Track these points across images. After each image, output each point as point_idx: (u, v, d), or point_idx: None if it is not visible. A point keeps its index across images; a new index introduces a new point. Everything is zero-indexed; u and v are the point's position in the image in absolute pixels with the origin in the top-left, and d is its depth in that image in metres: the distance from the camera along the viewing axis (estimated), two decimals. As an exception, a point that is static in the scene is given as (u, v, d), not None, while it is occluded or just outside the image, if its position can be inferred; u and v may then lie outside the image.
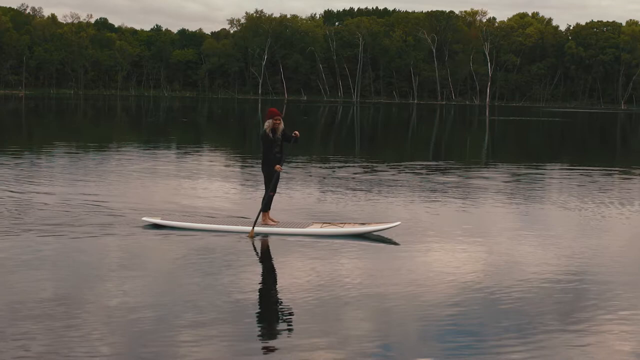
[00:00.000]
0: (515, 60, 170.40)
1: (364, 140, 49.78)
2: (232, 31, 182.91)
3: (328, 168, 27.11)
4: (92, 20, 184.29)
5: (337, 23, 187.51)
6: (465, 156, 37.33)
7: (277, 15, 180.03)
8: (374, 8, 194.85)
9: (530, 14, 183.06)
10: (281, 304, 10.32)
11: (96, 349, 8.16)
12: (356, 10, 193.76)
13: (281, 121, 15.31)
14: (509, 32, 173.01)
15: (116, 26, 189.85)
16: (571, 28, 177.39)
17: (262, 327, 9.26)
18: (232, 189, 21.46)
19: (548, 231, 15.79)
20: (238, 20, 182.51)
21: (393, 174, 25.54)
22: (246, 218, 15.42)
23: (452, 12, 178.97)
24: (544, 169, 29.85)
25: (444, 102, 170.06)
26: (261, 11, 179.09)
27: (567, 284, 11.40)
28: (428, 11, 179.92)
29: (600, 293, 10.96)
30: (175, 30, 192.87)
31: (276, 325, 9.46)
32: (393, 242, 14.32)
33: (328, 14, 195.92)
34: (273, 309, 10.12)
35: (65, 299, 9.95)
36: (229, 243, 13.81)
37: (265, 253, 13.69)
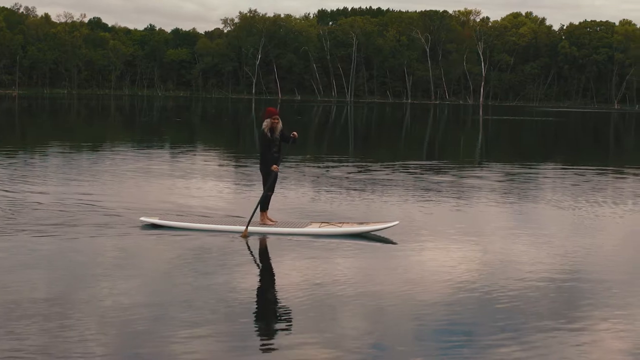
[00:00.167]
0: (508, 59, 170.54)
1: (358, 140, 49.78)
2: (226, 31, 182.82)
3: (322, 168, 27.14)
4: (86, 19, 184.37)
5: (331, 23, 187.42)
6: (459, 156, 37.35)
7: (271, 14, 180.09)
8: (368, 7, 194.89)
9: (523, 14, 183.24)
10: (277, 304, 10.33)
11: (91, 349, 8.15)
12: (350, 9, 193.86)
13: (279, 120, 15.29)
14: (503, 32, 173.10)
15: (110, 26, 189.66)
16: (564, 28, 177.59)
17: (258, 327, 9.26)
18: (227, 189, 21.45)
19: (542, 230, 15.81)
20: (232, 19, 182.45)
21: (387, 174, 25.55)
22: (243, 218, 15.39)
23: (446, 12, 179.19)
24: (538, 169, 29.88)
25: (438, 102, 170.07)
26: (255, 11, 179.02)
27: (562, 283, 11.42)
28: (422, 11, 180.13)
29: (594, 292, 10.98)
30: (169, 29, 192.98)
31: (272, 324, 9.46)
32: (389, 242, 14.32)
33: (322, 14, 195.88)
34: (269, 309, 10.12)
35: (60, 299, 9.93)
36: (226, 243, 13.79)
37: (262, 253, 13.70)
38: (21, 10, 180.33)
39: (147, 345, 8.35)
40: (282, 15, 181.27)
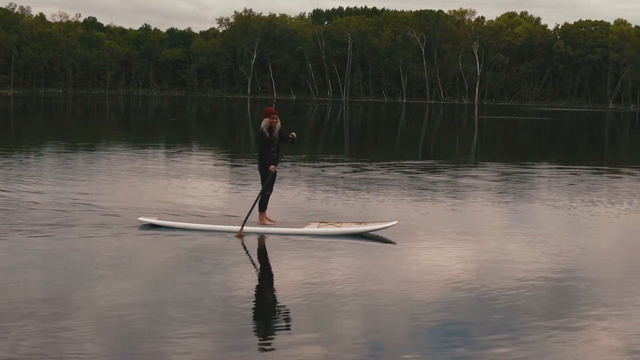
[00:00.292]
0: (503, 59, 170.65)
1: (353, 139, 49.80)
2: (221, 30, 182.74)
3: (317, 167, 27.15)
4: (81, 19, 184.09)
5: (326, 22, 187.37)
6: (454, 155, 37.39)
7: (266, 14, 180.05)
8: (363, 7, 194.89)
9: (518, 13, 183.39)
10: (274, 303, 10.35)
11: (88, 350, 8.14)
12: (345, 9, 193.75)
13: (278, 120, 15.28)
14: (498, 32, 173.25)
15: (105, 25, 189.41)
16: (559, 27, 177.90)
17: (255, 326, 9.26)
18: (223, 188, 21.45)
19: (538, 230, 15.84)
20: (227, 19, 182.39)
21: (382, 173, 25.57)
22: (241, 217, 15.34)
23: (441, 12, 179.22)
24: (533, 168, 29.91)
25: (433, 101, 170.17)
26: (250, 10, 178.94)
27: (557, 282, 11.45)
28: (417, 10, 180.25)
29: (589, 291, 11.01)
30: (164, 29, 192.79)
31: (269, 323, 9.47)
32: (386, 241, 14.34)
33: (317, 13, 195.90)
34: (266, 308, 10.14)
35: (57, 300, 9.93)
36: (224, 243, 13.80)
37: (260, 252, 13.71)
38: (16, 10, 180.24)
39: (144, 345, 8.35)
40: (278, 14, 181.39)
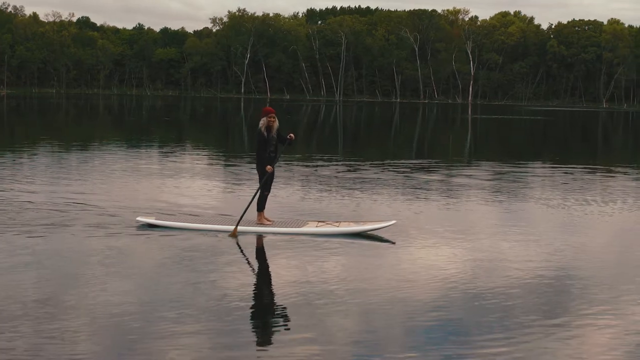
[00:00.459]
0: (497, 58, 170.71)
1: (347, 139, 49.81)
2: (215, 30, 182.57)
3: (311, 167, 27.15)
4: (74, 19, 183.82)
5: (320, 22, 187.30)
6: (448, 155, 37.42)
7: (260, 14, 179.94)
8: (357, 7, 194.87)
9: (512, 13, 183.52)
10: (270, 302, 10.38)
11: (81, 350, 8.14)
12: (339, 9, 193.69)
13: (276, 119, 15.26)
14: (491, 31, 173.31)
15: (98, 25, 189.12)
16: (553, 27, 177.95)
17: (250, 325, 9.26)
18: (218, 187, 21.44)
19: (532, 229, 15.87)
20: (221, 19, 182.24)
21: (376, 173, 25.59)
22: (238, 217, 15.33)
23: (435, 11, 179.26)
24: (527, 167, 29.96)
25: (427, 101, 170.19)
26: (244, 10, 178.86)
27: (551, 281, 11.48)
28: (410, 10, 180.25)
29: (583, 289, 11.04)
30: (157, 29, 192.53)
31: (264, 322, 9.48)
32: (383, 240, 14.38)
33: (311, 13, 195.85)
34: (262, 307, 10.14)
35: (52, 300, 9.91)
36: (223, 243, 13.82)
37: (257, 252, 13.72)
38: (9, 9, 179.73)
39: (139, 345, 8.35)
40: (271, 14, 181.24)
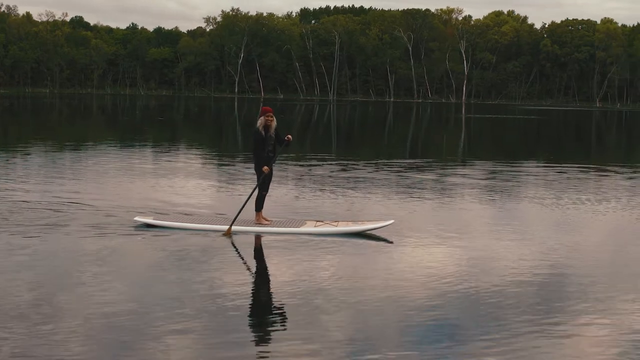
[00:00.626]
0: (491, 58, 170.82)
1: (341, 138, 49.81)
2: (209, 29, 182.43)
3: (305, 166, 27.15)
4: (68, 18, 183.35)
5: (314, 21, 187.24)
6: (442, 154, 37.43)
7: (254, 13, 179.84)
8: (350, 6, 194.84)
9: (505, 12, 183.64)
10: (267, 301, 10.39)
11: (76, 351, 8.13)
12: (332, 8, 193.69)
13: (274, 119, 15.23)
14: (485, 30, 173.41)
15: (92, 24, 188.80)
16: (546, 26, 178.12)
17: (245, 325, 9.25)
18: (214, 187, 21.42)
19: (527, 228, 15.89)
20: (214, 18, 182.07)
21: (370, 172, 25.60)
22: (244, 218, 15.29)
23: (428, 10, 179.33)
24: (521, 166, 29.99)
25: (420, 100, 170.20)
26: (237, 9, 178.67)
27: (545, 280, 11.51)
28: (404, 9, 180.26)
29: (577, 288, 11.07)
30: (151, 28, 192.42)
31: (258, 321, 9.47)
32: (378, 239, 14.38)
33: (304, 12, 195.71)
34: (256, 306, 10.12)
35: (47, 300, 9.89)
36: (221, 242, 13.82)
37: (254, 251, 13.69)
38: (2, 9, 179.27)
39: (134, 346, 8.35)
40: (265, 14, 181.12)
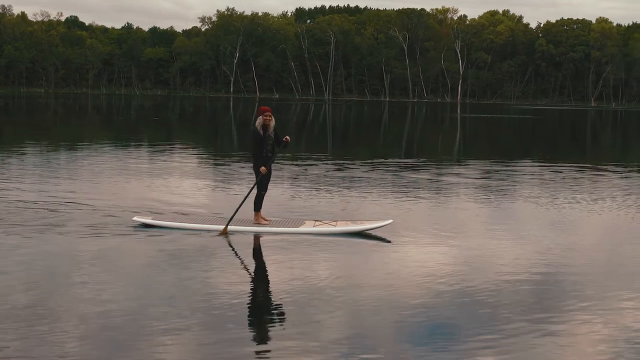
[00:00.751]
0: (486, 57, 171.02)
1: (336, 138, 49.80)
2: (204, 29, 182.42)
3: (301, 166, 27.14)
4: (63, 18, 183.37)
5: (309, 21, 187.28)
6: (438, 153, 37.45)
7: (249, 13, 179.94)
8: (346, 6, 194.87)
9: (500, 12, 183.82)
10: (260, 301, 10.38)
11: (71, 352, 8.13)
12: (327, 8, 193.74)
13: (272, 118, 15.20)
14: (480, 30, 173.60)
15: (87, 24, 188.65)
16: (541, 26, 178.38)
17: (241, 324, 9.24)
18: (211, 187, 21.38)
19: (521, 227, 15.91)
20: (209, 18, 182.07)
21: (365, 171, 25.60)
22: (242, 218, 15.27)
23: (424, 10, 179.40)
24: (516, 166, 30.01)
25: (416, 100, 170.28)
26: (233, 9, 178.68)
27: (540, 279, 11.52)
28: (399, 9, 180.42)
29: (572, 287, 11.09)
30: (146, 28, 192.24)
31: (255, 321, 9.47)
32: (375, 239, 14.39)
33: (299, 12, 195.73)
34: (255, 306, 10.11)
35: (41, 301, 9.89)
36: (219, 242, 13.82)
37: (253, 251, 13.68)
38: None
39: (130, 345, 8.34)
40: (260, 13, 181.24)
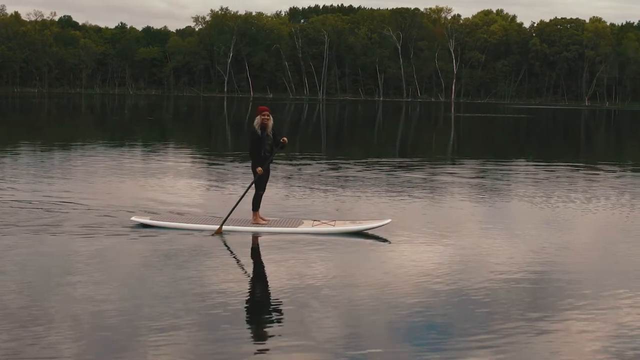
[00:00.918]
0: (480, 57, 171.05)
1: (331, 137, 49.82)
2: (198, 29, 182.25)
3: (295, 165, 27.13)
4: (56, 18, 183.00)
5: (303, 20, 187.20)
6: (432, 153, 37.48)
7: (243, 12, 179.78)
8: (339, 5, 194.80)
9: (494, 11, 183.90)
10: (256, 300, 10.40)
11: (67, 353, 8.12)
12: (321, 7, 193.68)
13: (270, 118, 15.16)
14: (474, 29, 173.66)
15: (80, 24, 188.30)
16: (535, 25, 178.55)
17: (238, 323, 9.24)
18: (207, 187, 21.37)
19: (516, 226, 15.94)
20: (203, 17, 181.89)
21: (360, 171, 25.61)
22: (234, 217, 15.24)
23: (417, 9, 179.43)
24: (510, 165, 30.05)
25: (410, 99, 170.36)
26: (226, 9, 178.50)
27: (535, 278, 11.54)
28: (393, 8, 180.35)
29: (566, 286, 11.10)
30: (140, 28, 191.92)
31: (253, 321, 9.49)
32: (368, 238, 14.41)
33: (293, 11, 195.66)
34: (253, 305, 10.12)
35: (36, 301, 9.88)
36: (218, 242, 13.84)
37: (252, 251, 13.70)
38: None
39: (125, 345, 8.34)
40: (254, 13, 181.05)
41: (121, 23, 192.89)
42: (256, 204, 15.07)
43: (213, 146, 39.85)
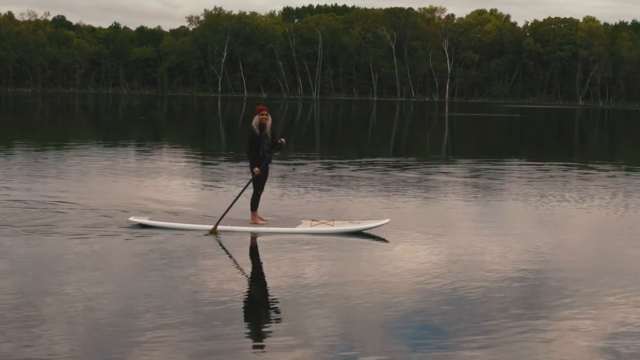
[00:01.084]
0: (474, 56, 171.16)
1: (325, 137, 49.82)
2: (191, 29, 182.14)
3: (289, 165, 27.13)
4: (50, 18, 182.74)
5: (297, 20, 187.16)
6: (426, 152, 37.50)
7: (237, 12, 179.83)
8: (333, 5, 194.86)
9: (488, 11, 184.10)
10: (253, 300, 10.39)
11: (57, 353, 8.12)
12: (315, 7, 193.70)
13: (268, 117, 15.11)
14: (468, 29, 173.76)
15: (74, 24, 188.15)
16: (529, 24, 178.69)
17: (235, 323, 9.24)
18: (201, 186, 21.34)
19: (510, 226, 15.97)
20: (197, 17, 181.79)
21: (354, 171, 25.62)
22: (234, 217, 15.22)
23: (411, 9, 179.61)
24: (505, 165, 30.09)
25: (404, 99, 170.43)
26: (220, 8, 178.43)
27: (529, 277, 11.56)
28: (387, 8, 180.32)
29: (561, 284, 11.13)
30: (133, 27, 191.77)
31: (246, 318, 9.48)
32: (365, 237, 14.42)
33: (287, 11, 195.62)
34: (250, 305, 10.12)
35: (29, 303, 9.87)
36: (217, 242, 13.84)
37: (250, 251, 13.65)
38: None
39: (121, 343, 8.34)
40: (248, 12, 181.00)
41: (115, 23, 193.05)
42: (254, 204, 15.04)
43: (207, 146, 39.81)
